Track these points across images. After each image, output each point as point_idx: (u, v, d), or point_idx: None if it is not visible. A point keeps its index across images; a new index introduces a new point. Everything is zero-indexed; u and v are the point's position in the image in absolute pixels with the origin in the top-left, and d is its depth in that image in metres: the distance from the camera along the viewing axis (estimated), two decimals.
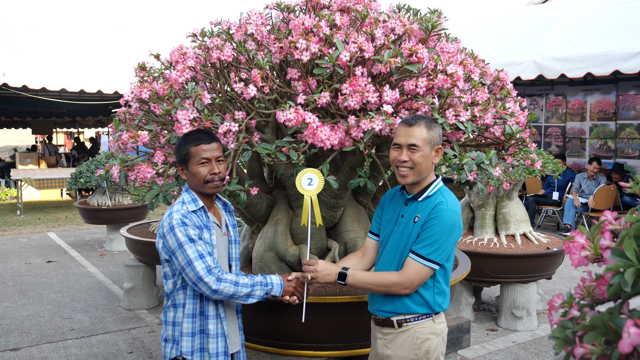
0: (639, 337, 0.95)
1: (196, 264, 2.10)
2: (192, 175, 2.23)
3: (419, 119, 2.15)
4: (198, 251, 2.12)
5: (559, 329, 1.26)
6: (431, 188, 2.18)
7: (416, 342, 2.17)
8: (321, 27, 2.51)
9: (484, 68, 2.95)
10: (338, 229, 3.08)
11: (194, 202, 2.23)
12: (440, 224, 2.08)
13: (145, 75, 2.94)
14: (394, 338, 2.21)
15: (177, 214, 2.16)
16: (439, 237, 2.07)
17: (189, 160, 2.22)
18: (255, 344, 2.83)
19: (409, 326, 2.18)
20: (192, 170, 2.21)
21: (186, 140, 2.23)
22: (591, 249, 1.28)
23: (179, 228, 2.12)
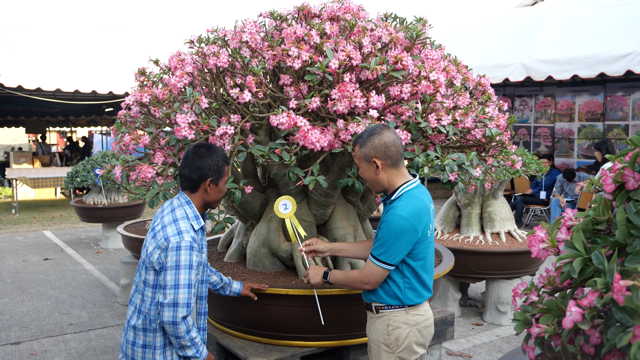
0: (579, 314, 1.11)
1: (181, 291, 2.14)
2: (218, 192, 2.35)
3: (359, 136, 2.33)
4: (190, 280, 2.17)
5: (519, 312, 1.43)
6: (396, 194, 2.32)
7: (387, 329, 2.38)
8: (312, 35, 2.67)
9: (466, 74, 3.11)
10: (328, 226, 3.24)
11: (197, 220, 2.30)
12: (387, 228, 2.25)
13: (145, 79, 3.08)
14: (373, 322, 2.44)
15: (188, 235, 2.19)
16: (385, 240, 2.25)
17: (222, 177, 2.34)
18: (249, 335, 2.98)
19: (383, 313, 2.39)
20: (221, 187, 2.36)
21: (222, 159, 2.34)
22: (549, 242, 1.45)
23: (186, 251, 2.16)
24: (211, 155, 2.31)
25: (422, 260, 2.33)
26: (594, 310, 1.10)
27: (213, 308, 3.11)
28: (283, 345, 2.92)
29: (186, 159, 2.32)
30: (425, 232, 2.30)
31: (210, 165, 2.30)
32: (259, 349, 2.89)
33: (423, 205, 2.30)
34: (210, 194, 2.33)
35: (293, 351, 2.87)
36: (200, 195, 2.33)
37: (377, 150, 2.26)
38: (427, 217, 2.32)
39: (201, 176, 2.29)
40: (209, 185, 2.31)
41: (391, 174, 2.30)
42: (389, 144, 2.27)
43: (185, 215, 2.27)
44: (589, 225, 1.32)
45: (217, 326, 3.15)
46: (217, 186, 2.34)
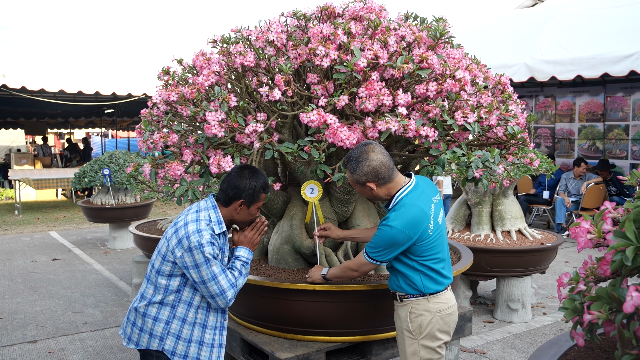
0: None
1: (220, 279, 2.27)
2: (248, 214, 2.41)
3: (347, 162, 2.44)
4: (222, 267, 2.29)
5: (568, 301, 1.47)
6: (393, 201, 2.48)
7: (409, 316, 2.51)
8: (338, 35, 2.71)
9: (487, 73, 3.16)
10: (350, 223, 3.28)
11: (219, 225, 2.35)
12: (380, 235, 2.44)
13: (169, 79, 3.11)
14: (398, 310, 2.59)
15: (207, 233, 2.26)
16: (378, 245, 2.45)
17: (255, 202, 2.38)
18: (273, 331, 3.01)
19: (407, 302, 2.53)
20: (252, 211, 2.41)
21: (261, 185, 2.38)
22: (595, 233, 1.49)
23: (209, 246, 2.23)
24: (251, 179, 2.36)
25: (429, 254, 2.45)
26: None
27: (236, 304, 3.14)
28: (308, 341, 2.95)
29: (229, 175, 2.40)
30: (426, 232, 2.42)
31: (247, 188, 2.35)
32: (284, 345, 2.93)
33: (417, 211, 2.41)
34: (239, 214, 2.39)
35: (318, 346, 2.90)
36: (230, 211, 2.39)
37: (369, 175, 2.41)
38: (425, 218, 2.43)
39: (235, 195, 2.35)
40: (240, 206, 2.36)
41: (387, 188, 2.47)
42: (378, 168, 2.40)
43: (208, 217, 2.33)
44: (639, 216, 1.37)
45: (241, 322, 3.19)
46: (248, 209, 2.39)
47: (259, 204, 2.41)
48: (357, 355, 3.08)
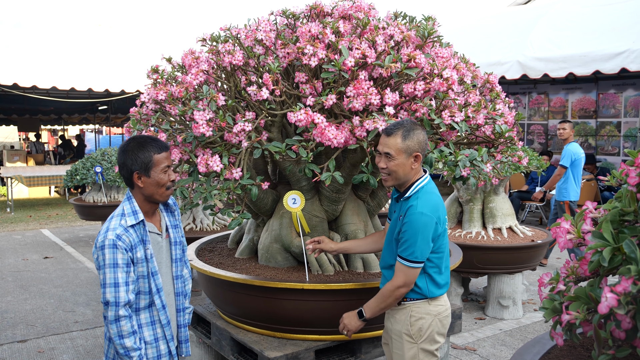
0: (614, 300, 1.16)
1: (108, 290, 2.10)
2: (153, 183, 2.20)
3: (398, 128, 2.31)
4: (116, 278, 2.11)
5: (547, 301, 1.48)
6: (411, 189, 2.37)
7: (409, 320, 2.44)
8: (326, 34, 2.71)
9: (475, 71, 3.17)
10: (339, 222, 3.29)
11: (134, 215, 2.20)
12: (410, 228, 2.29)
13: (158, 77, 3.11)
14: (394, 313, 2.50)
15: (112, 233, 2.12)
16: (413, 241, 2.29)
17: (152, 167, 2.18)
18: (262, 329, 3.02)
19: (405, 305, 2.45)
20: (155, 177, 2.19)
21: (146, 148, 2.19)
22: (575, 233, 1.51)
23: (110, 250, 2.11)
24: (135, 147, 2.20)
25: (441, 253, 2.40)
26: (628, 296, 1.16)
27: (226, 303, 3.15)
28: (297, 340, 2.96)
29: (117, 157, 2.28)
30: (444, 226, 2.38)
31: (134, 157, 2.19)
32: (274, 343, 2.94)
33: (439, 200, 2.38)
34: (145, 187, 2.21)
35: (307, 345, 2.91)
36: (138, 190, 2.24)
37: (421, 145, 2.32)
38: (444, 210, 2.40)
39: (128, 172, 2.21)
40: (139, 179, 2.20)
41: (417, 169, 2.38)
42: (426, 141, 2.36)
43: (122, 211, 2.21)
44: (616, 217, 1.38)
45: (231, 321, 3.19)
46: (150, 177, 2.20)
47: (161, 166, 2.20)
48: (346, 353, 3.10)
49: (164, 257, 2.35)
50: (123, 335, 2.13)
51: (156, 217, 2.34)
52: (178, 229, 2.44)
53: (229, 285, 3.01)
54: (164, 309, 2.29)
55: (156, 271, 2.25)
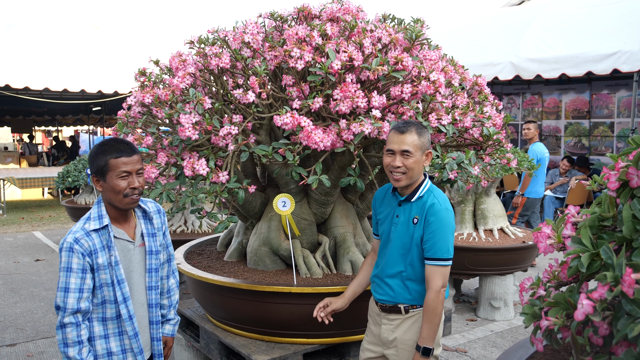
0: (590, 307, 1.16)
1: (59, 294, 2.05)
2: (109, 188, 2.10)
3: (410, 125, 2.30)
4: (67, 283, 2.05)
5: (528, 306, 1.48)
6: (422, 189, 2.36)
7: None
8: (314, 37, 2.70)
9: (464, 74, 3.17)
10: (328, 225, 3.28)
11: (99, 220, 2.12)
12: (441, 225, 2.27)
13: (146, 80, 3.09)
14: (400, 323, 2.40)
15: (72, 236, 2.07)
16: (446, 237, 2.28)
17: (107, 172, 2.09)
18: (251, 333, 3.01)
19: (415, 312, 2.38)
20: (111, 183, 2.09)
21: (104, 151, 2.10)
22: (555, 238, 1.50)
23: (66, 253, 2.06)
24: (96, 150, 2.13)
25: None
26: (604, 303, 1.15)
27: (214, 307, 3.14)
28: (285, 343, 2.95)
29: None
30: None
31: (92, 161, 2.13)
32: (262, 347, 2.93)
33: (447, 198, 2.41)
34: (103, 192, 2.13)
35: (295, 348, 2.90)
36: (101, 195, 2.17)
37: (429, 142, 2.35)
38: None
39: (92, 174, 2.16)
40: (97, 183, 2.13)
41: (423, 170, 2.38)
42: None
43: (89, 215, 2.16)
44: (595, 222, 1.37)
45: (219, 325, 3.18)
46: (106, 182, 2.10)
47: (117, 171, 2.08)
48: (334, 356, 3.09)
49: (135, 266, 2.23)
50: (67, 344, 2.06)
51: (129, 224, 2.23)
52: (155, 237, 2.28)
53: (216, 289, 3.00)
54: (130, 320, 2.18)
55: (122, 279, 2.15)
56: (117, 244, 2.17)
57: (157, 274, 2.30)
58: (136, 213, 2.28)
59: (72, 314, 2.04)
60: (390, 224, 2.44)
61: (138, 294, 2.25)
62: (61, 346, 2.07)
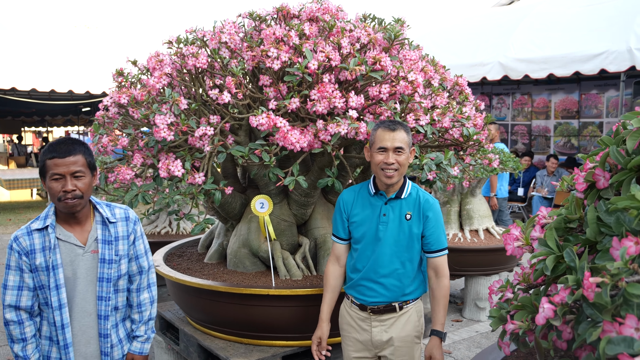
0: (551, 311, 1.14)
1: (7, 293, 2.04)
2: (47, 189, 2.03)
3: (397, 123, 2.36)
4: (6, 280, 2.03)
5: (495, 309, 1.46)
6: (407, 186, 2.44)
7: (418, 321, 2.48)
8: (291, 36, 2.68)
9: (444, 74, 3.15)
10: (309, 226, 3.25)
11: (44, 219, 2.07)
12: (440, 219, 2.45)
13: (123, 80, 3.06)
14: (394, 322, 2.43)
15: (15, 234, 2.06)
16: (443, 229, 2.47)
17: (45, 173, 2.02)
18: (230, 336, 2.98)
19: (407, 308, 2.45)
20: (47, 185, 2.02)
21: (44, 151, 2.03)
22: (523, 240, 1.48)
23: (7, 250, 2.05)
24: (42, 151, 2.06)
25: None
26: (565, 307, 1.13)
27: (193, 309, 3.11)
28: (264, 346, 2.92)
29: None
30: None
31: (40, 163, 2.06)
32: (240, 350, 2.90)
33: None
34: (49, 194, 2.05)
35: (274, 351, 2.87)
36: None
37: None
38: None
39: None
40: (44, 183, 2.06)
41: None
42: None
43: (41, 214, 2.12)
44: (561, 224, 1.36)
45: (199, 327, 3.15)
46: (45, 184, 2.04)
47: (50, 172, 1.99)
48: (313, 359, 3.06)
49: (83, 272, 2.10)
50: (12, 340, 2.06)
51: (83, 227, 2.12)
52: (111, 245, 2.13)
53: (194, 291, 2.97)
54: (63, 329, 2.06)
55: (60, 285, 2.05)
56: (63, 247, 2.08)
57: (110, 284, 2.14)
58: (95, 217, 2.16)
59: (12, 311, 2.03)
60: (376, 223, 2.43)
61: (85, 302, 2.13)
62: (8, 341, 2.07)
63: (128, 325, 2.30)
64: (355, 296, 2.49)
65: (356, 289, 2.49)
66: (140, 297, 2.29)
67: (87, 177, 2.05)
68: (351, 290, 2.52)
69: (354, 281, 2.49)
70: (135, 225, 2.25)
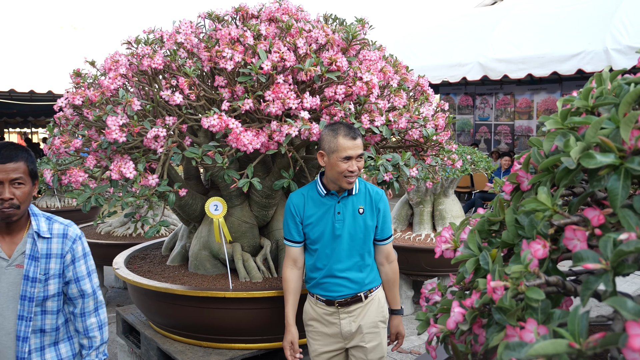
0: (460, 315, 1.13)
1: None
2: None
3: (354, 129, 2.38)
4: None
5: (422, 312, 1.44)
6: (358, 183, 2.52)
7: (381, 306, 2.56)
8: (247, 37, 2.65)
9: (405, 74, 3.14)
10: (270, 227, 3.23)
11: None
12: (388, 209, 2.57)
13: (80, 81, 3.02)
14: (361, 311, 2.51)
15: None
16: (390, 216, 2.59)
17: None
18: (189, 339, 2.95)
19: (372, 296, 2.54)
20: None
21: None
22: (452, 243, 1.47)
23: None
24: None
25: None
26: (476, 311, 1.12)
27: (153, 313, 3.07)
28: (223, 349, 2.90)
29: None
30: None
31: None
32: (198, 353, 2.87)
33: None
34: None
35: (233, 354, 2.85)
36: None
37: None
38: None
39: None
40: None
41: None
42: None
43: None
44: (484, 226, 1.34)
45: (159, 331, 3.12)
46: None
47: None
48: None
49: (4, 287, 1.95)
50: None
51: (13, 239, 1.99)
52: (39, 262, 1.98)
53: (153, 295, 2.94)
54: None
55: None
56: None
57: (32, 304, 1.97)
58: (29, 230, 2.01)
59: None
60: (332, 221, 2.46)
61: (3, 319, 1.96)
62: None
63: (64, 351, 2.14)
64: (321, 293, 2.52)
65: (321, 287, 2.51)
66: (87, 322, 2.13)
67: (27, 185, 1.94)
68: (315, 289, 2.53)
69: (316, 280, 2.51)
70: (74, 244, 2.07)
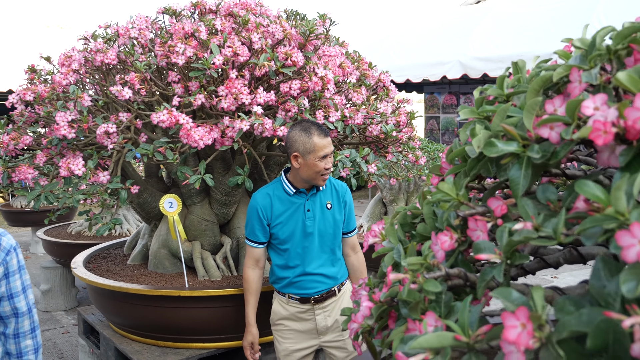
0: (367, 309, 1.10)
1: None
2: None
3: (322, 127, 2.34)
4: None
5: (347, 308, 1.42)
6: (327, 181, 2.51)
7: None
8: (200, 31, 2.61)
9: (367, 70, 3.12)
10: (231, 225, 3.20)
11: None
12: (352, 203, 2.62)
13: (35, 77, 2.96)
14: (335, 305, 2.52)
15: None
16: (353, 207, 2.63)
17: None
18: (146, 339, 2.91)
19: (344, 289, 2.58)
20: None
21: None
22: (380, 236, 1.44)
23: None
24: None
25: None
26: (384, 305, 1.09)
27: (110, 313, 3.03)
28: (180, 348, 2.86)
29: None
30: None
31: None
32: (155, 353, 2.82)
33: None
34: None
35: (190, 353, 2.81)
36: None
37: None
38: None
39: None
40: None
41: None
42: None
43: None
44: (406, 219, 1.32)
45: (117, 330, 3.07)
46: None
47: None
48: None
49: None
50: None
51: None
52: None
53: (109, 294, 2.89)
54: None
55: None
56: None
57: None
58: None
59: None
60: (302, 219, 2.42)
61: None
62: None
63: None
64: (296, 292, 2.47)
65: (295, 286, 2.47)
66: (22, 344, 1.89)
67: None
68: (288, 288, 2.48)
69: (289, 279, 2.46)
70: (7, 255, 1.81)
